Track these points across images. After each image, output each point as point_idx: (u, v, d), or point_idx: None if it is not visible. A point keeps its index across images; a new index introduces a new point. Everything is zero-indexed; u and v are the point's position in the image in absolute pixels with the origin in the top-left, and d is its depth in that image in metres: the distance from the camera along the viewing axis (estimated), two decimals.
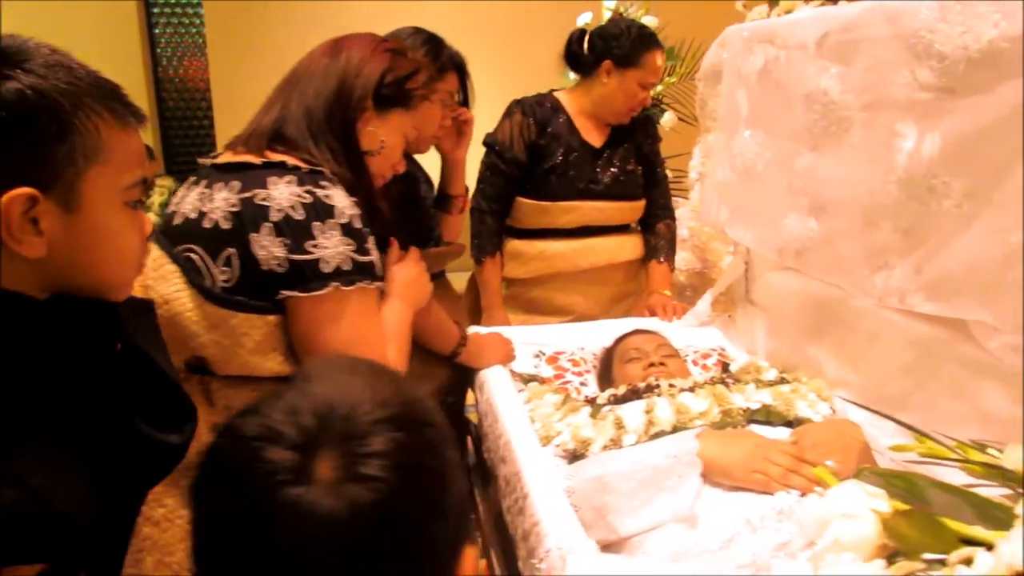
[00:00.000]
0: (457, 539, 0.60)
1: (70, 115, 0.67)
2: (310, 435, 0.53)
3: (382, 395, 0.58)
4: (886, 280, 1.32)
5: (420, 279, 1.37)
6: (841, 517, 0.73)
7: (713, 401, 1.39)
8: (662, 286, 2.20)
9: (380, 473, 0.53)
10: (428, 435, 0.59)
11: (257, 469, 0.52)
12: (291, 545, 0.51)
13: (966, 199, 1.14)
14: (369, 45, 1.22)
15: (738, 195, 1.75)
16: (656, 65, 2.04)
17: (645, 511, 1.19)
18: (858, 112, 1.33)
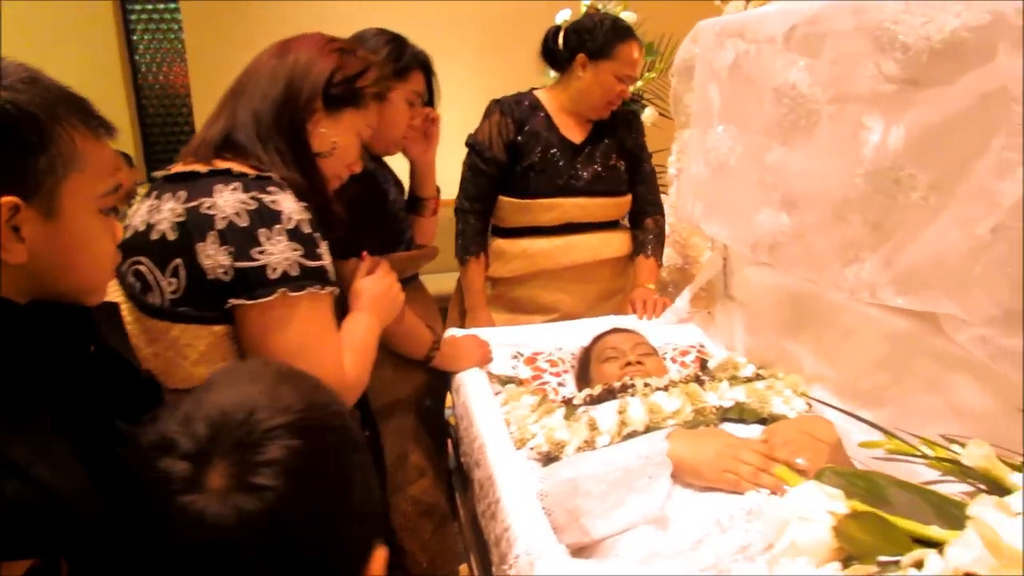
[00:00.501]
0: (363, 542, 0.61)
1: (48, 127, 0.71)
2: (203, 444, 0.54)
3: (282, 402, 0.58)
4: (857, 274, 1.31)
5: (390, 292, 1.35)
6: (797, 520, 0.71)
7: (686, 400, 1.37)
8: (647, 280, 2.19)
9: (271, 482, 0.53)
10: (329, 441, 0.59)
11: (152, 478, 0.54)
12: (184, 553, 0.53)
13: (932, 191, 1.13)
14: (317, 45, 1.20)
15: (712, 190, 1.74)
16: (631, 56, 2.01)
17: (617, 513, 1.18)
18: (826, 105, 1.32)
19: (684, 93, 1.85)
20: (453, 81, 4.54)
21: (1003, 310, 1.05)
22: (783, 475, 0.84)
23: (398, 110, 1.54)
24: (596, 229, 2.17)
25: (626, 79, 2.03)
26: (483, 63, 4.57)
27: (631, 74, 2.04)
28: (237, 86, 1.19)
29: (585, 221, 2.15)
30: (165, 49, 4.04)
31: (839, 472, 0.83)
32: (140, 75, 4.07)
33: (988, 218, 1.03)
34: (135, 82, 4.09)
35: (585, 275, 2.17)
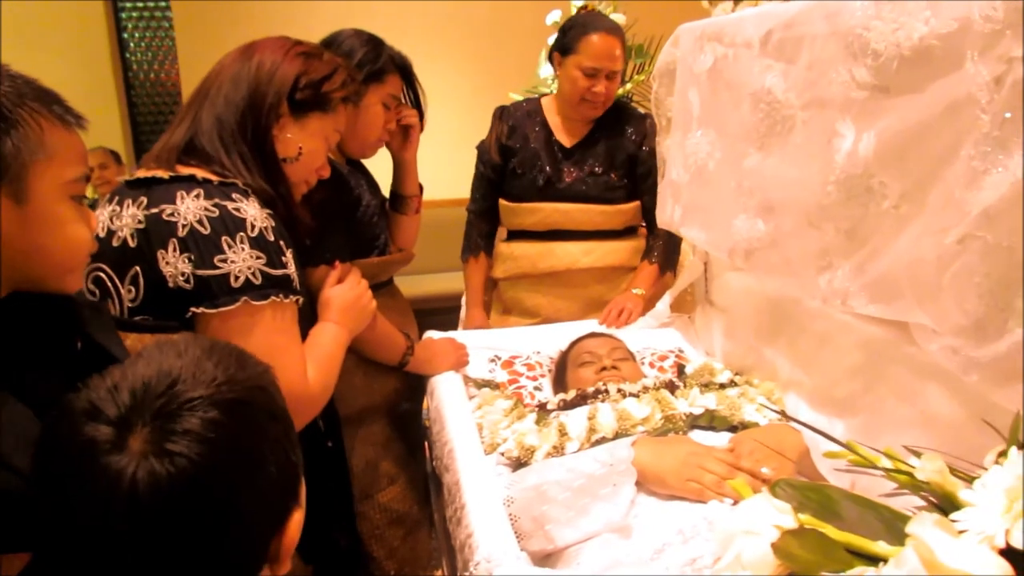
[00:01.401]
0: (276, 511, 0.65)
1: (12, 113, 0.73)
2: (126, 412, 0.58)
3: (204, 375, 0.61)
4: (829, 282, 1.30)
5: (359, 301, 1.34)
6: (743, 533, 0.70)
7: (656, 407, 1.36)
8: (637, 285, 2.12)
9: (185, 450, 0.57)
10: (246, 413, 0.62)
11: (77, 440, 0.57)
12: (102, 512, 0.56)
13: (903, 200, 1.12)
14: (281, 49, 1.18)
15: (691, 195, 1.73)
16: (594, 48, 1.93)
17: (581, 521, 1.17)
18: (800, 111, 1.31)
19: (665, 97, 1.84)
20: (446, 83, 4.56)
21: (971, 320, 1.04)
22: (737, 487, 0.83)
23: (373, 113, 1.53)
24: (583, 238, 2.12)
25: (593, 72, 1.95)
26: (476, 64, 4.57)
27: (596, 66, 1.94)
28: (201, 90, 1.17)
29: (571, 228, 2.12)
30: (156, 47, 4.02)
31: (793, 484, 0.81)
32: (131, 73, 4.05)
33: (956, 227, 1.02)
34: (126, 80, 4.08)
35: (567, 282, 2.14)
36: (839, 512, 0.75)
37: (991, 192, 0.96)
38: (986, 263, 0.99)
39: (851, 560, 0.63)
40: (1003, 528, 0.60)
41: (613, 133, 2.10)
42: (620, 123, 2.10)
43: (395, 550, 1.55)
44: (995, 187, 0.95)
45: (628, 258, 2.16)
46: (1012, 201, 0.93)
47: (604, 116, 2.08)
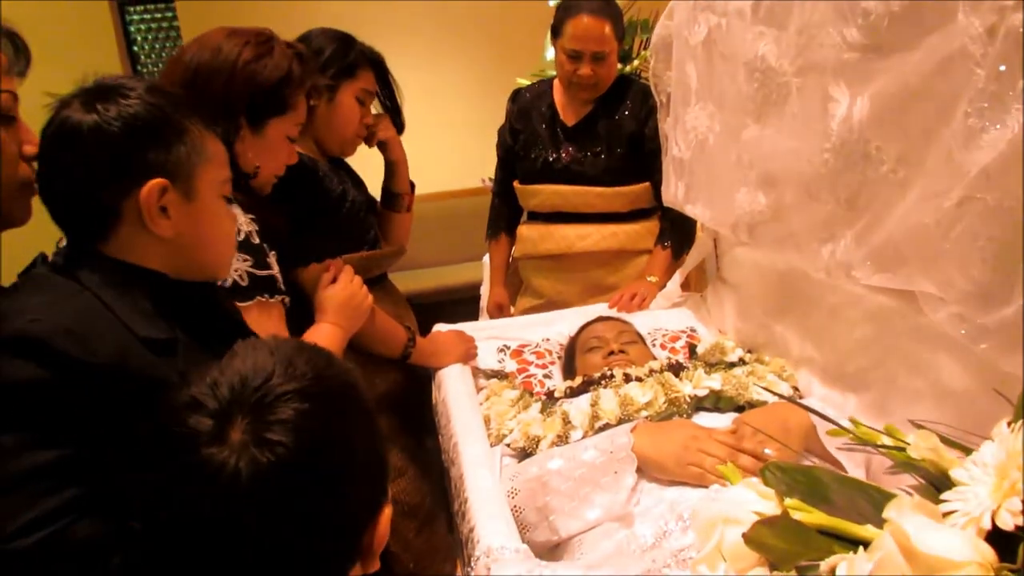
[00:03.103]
0: (368, 503, 0.67)
1: (183, 124, 0.86)
2: (225, 405, 0.61)
3: (295, 370, 0.64)
4: (832, 253, 1.25)
5: (354, 299, 1.34)
6: (723, 522, 0.67)
7: (659, 391, 1.33)
8: (649, 271, 2.06)
9: (283, 438, 0.59)
10: (334, 406, 0.65)
11: (180, 432, 0.61)
12: (204, 500, 0.59)
13: (900, 164, 1.07)
14: (227, 63, 1.16)
15: (693, 171, 1.68)
16: (578, 31, 1.87)
17: (584, 510, 1.15)
18: (794, 78, 1.26)
19: (664, 72, 1.79)
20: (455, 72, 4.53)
21: (977, 286, 0.99)
22: (726, 472, 0.80)
23: (347, 109, 1.51)
24: (585, 220, 2.08)
25: (576, 55, 1.90)
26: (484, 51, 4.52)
27: (578, 49, 1.89)
28: None
29: (571, 211, 2.09)
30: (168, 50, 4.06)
31: (783, 468, 0.78)
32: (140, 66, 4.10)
33: (955, 190, 0.97)
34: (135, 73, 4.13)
35: (567, 265, 2.11)
36: (828, 496, 0.72)
37: (989, 151, 0.91)
38: (988, 226, 0.94)
39: (830, 547, 0.60)
40: (990, 508, 0.56)
41: (613, 112, 2.05)
42: (621, 101, 2.05)
43: (410, 543, 1.54)
44: (993, 145, 0.90)
45: (632, 241, 2.10)
46: (1011, 160, 0.88)
47: (607, 95, 2.03)
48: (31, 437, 0.74)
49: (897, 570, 0.52)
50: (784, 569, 0.60)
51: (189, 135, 0.86)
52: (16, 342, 0.74)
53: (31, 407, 0.74)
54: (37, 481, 0.73)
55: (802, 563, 0.60)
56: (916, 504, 0.57)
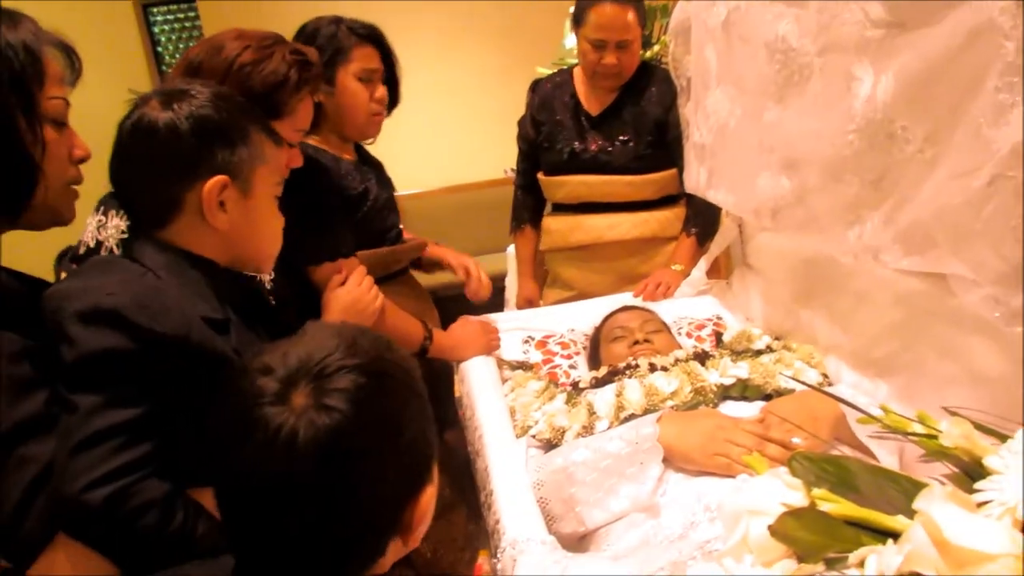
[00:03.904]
0: (411, 479, 0.71)
1: (247, 128, 0.96)
2: (292, 372, 0.66)
3: (355, 349, 0.69)
4: (859, 236, 1.22)
5: (361, 301, 1.36)
6: (749, 513, 0.66)
7: (684, 380, 1.31)
8: (674, 259, 2.05)
9: (340, 405, 0.64)
10: (388, 384, 0.69)
11: (249, 391, 0.66)
12: (262, 456, 0.63)
13: (927, 143, 1.04)
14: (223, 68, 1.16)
15: (715, 156, 1.66)
16: (601, 19, 1.85)
17: (610, 501, 1.14)
18: (816, 57, 1.23)
19: (683, 57, 1.76)
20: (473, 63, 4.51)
21: (1010, 266, 0.96)
22: (752, 462, 0.79)
23: (352, 93, 1.49)
24: (613, 210, 2.07)
25: (600, 44, 1.88)
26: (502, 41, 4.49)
27: (602, 38, 1.87)
28: None
29: (597, 201, 2.08)
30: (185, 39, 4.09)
31: (810, 458, 0.76)
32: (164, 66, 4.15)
33: (985, 168, 0.94)
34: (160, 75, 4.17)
35: (597, 255, 2.10)
36: (857, 485, 0.70)
37: (1020, 127, 0.88)
38: (1020, 204, 0.91)
39: (859, 538, 0.59)
40: None
41: (638, 99, 2.02)
42: (646, 87, 2.02)
43: (428, 532, 1.54)
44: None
45: (663, 228, 2.08)
46: None
47: (631, 82, 2.01)
48: (108, 399, 0.81)
49: (928, 563, 0.51)
50: (811, 562, 0.59)
51: (251, 138, 0.96)
52: (94, 314, 0.82)
53: (107, 371, 0.82)
54: (113, 438, 0.81)
55: (830, 555, 0.59)
56: (948, 494, 0.55)
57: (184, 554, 0.81)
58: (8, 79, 0.81)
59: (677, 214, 2.08)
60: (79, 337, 0.82)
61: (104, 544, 0.81)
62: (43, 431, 0.81)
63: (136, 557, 0.82)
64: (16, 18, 0.85)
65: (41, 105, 0.85)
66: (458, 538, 1.61)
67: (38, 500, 0.80)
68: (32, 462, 0.80)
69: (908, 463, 1.17)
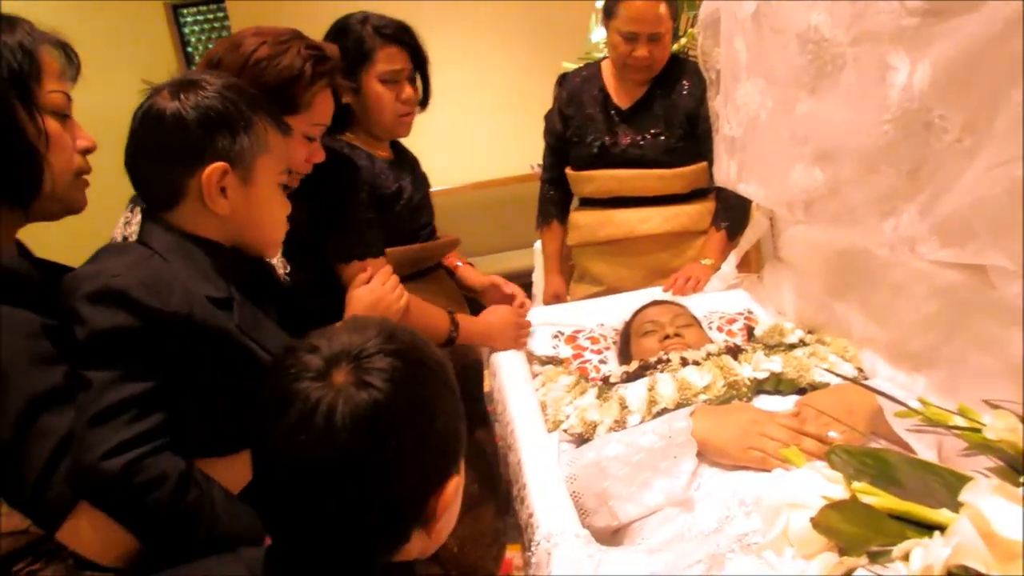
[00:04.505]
0: (439, 466, 0.73)
1: (251, 118, 0.99)
2: (335, 353, 0.70)
3: (394, 337, 0.73)
4: (895, 227, 1.21)
5: (381, 302, 1.37)
6: (789, 507, 0.66)
7: (717, 374, 1.31)
8: (704, 254, 2.04)
9: (378, 383, 0.67)
10: (423, 372, 0.73)
11: (293, 366, 0.70)
12: (299, 426, 0.66)
13: (965, 132, 1.02)
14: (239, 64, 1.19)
15: (745, 149, 1.64)
16: (632, 12, 1.85)
17: (643, 495, 1.14)
18: (849, 48, 1.22)
19: (712, 49, 1.75)
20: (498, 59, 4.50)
21: None
22: (790, 455, 0.78)
23: (377, 96, 1.49)
24: (643, 204, 2.06)
25: (631, 36, 1.87)
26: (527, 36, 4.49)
27: (633, 31, 1.87)
28: None
29: (628, 195, 2.07)
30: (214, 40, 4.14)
31: (849, 451, 0.76)
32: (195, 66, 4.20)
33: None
34: None
35: (628, 250, 2.09)
36: (898, 479, 0.70)
37: None
38: None
39: (902, 531, 0.58)
40: None
41: (669, 92, 2.01)
42: (676, 80, 2.01)
43: (455, 528, 1.55)
44: None
45: (694, 222, 2.07)
46: None
47: (661, 75, 2.00)
48: (118, 374, 0.86)
49: (976, 556, 0.51)
50: (854, 554, 0.59)
51: (254, 127, 0.99)
52: (102, 294, 0.87)
53: (116, 348, 0.87)
54: (126, 410, 0.85)
55: (873, 548, 0.58)
56: (995, 487, 0.55)
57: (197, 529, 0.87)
58: (7, 75, 0.86)
59: (707, 208, 2.07)
60: (89, 317, 0.87)
61: (120, 513, 0.86)
62: (62, 403, 0.85)
63: (150, 528, 0.87)
64: (12, 22, 0.91)
65: (41, 99, 0.90)
66: (485, 534, 1.62)
67: (60, 469, 0.83)
68: (53, 433, 0.84)
69: (947, 457, 1.16)
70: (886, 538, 0.58)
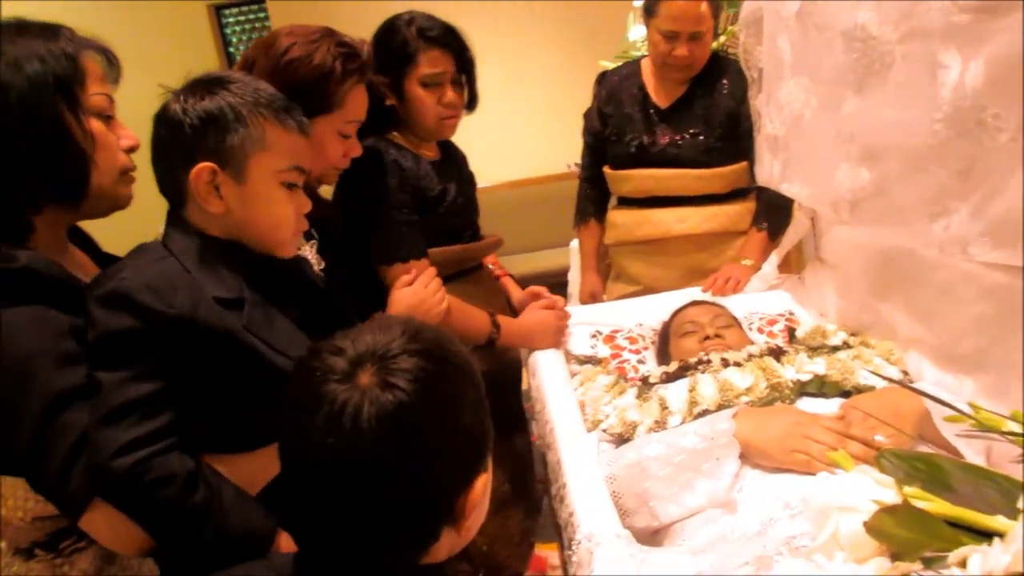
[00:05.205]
0: (466, 465, 0.73)
1: (244, 117, 0.98)
2: (360, 354, 0.70)
3: (418, 336, 0.72)
4: (946, 228, 1.19)
5: (422, 305, 1.38)
6: (838, 510, 0.65)
7: (760, 375, 1.30)
8: (744, 254, 2.02)
9: (403, 384, 0.67)
10: (448, 371, 0.72)
11: (319, 369, 0.70)
12: (326, 428, 0.66)
13: (1020, 131, 1.00)
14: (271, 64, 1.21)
15: (788, 148, 1.62)
16: (673, 10, 1.84)
17: (685, 496, 1.14)
18: (898, 45, 1.20)
19: (754, 47, 1.73)
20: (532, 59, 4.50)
21: None
22: (838, 458, 0.78)
23: (418, 100, 1.50)
24: (681, 203, 2.05)
25: (672, 35, 1.87)
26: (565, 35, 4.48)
27: (674, 29, 1.86)
28: None
29: (666, 195, 2.06)
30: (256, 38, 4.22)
31: (900, 455, 0.75)
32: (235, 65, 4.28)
33: None
34: None
35: (665, 249, 2.08)
36: (951, 484, 0.69)
37: None
38: None
39: (957, 537, 0.57)
40: None
41: (709, 91, 1.99)
42: (716, 79, 1.99)
43: (484, 526, 1.55)
44: None
45: (733, 222, 2.06)
46: None
47: (701, 74, 1.99)
48: (127, 375, 0.88)
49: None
50: (907, 560, 0.58)
51: (247, 125, 0.98)
52: (109, 297, 0.90)
53: (121, 350, 0.89)
54: (133, 411, 0.87)
55: (927, 553, 0.58)
56: None
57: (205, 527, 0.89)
58: (53, 82, 0.91)
59: (747, 208, 2.05)
60: (98, 318, 0.89)
61: (130, 510, 0.88)
62: (83, 400, 0.88)
63: (158, 525, 0.90)
64: (55, 30, 0.95)
65: (85, 102, 0.94)
66: (514, 533, 1.63)
67: (78, 464, 0.87)
68: (73, 429, 0.87)
69: (996, 463, 1.13)
70: (941, 544, 0.57)
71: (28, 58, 0.90)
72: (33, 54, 0.91)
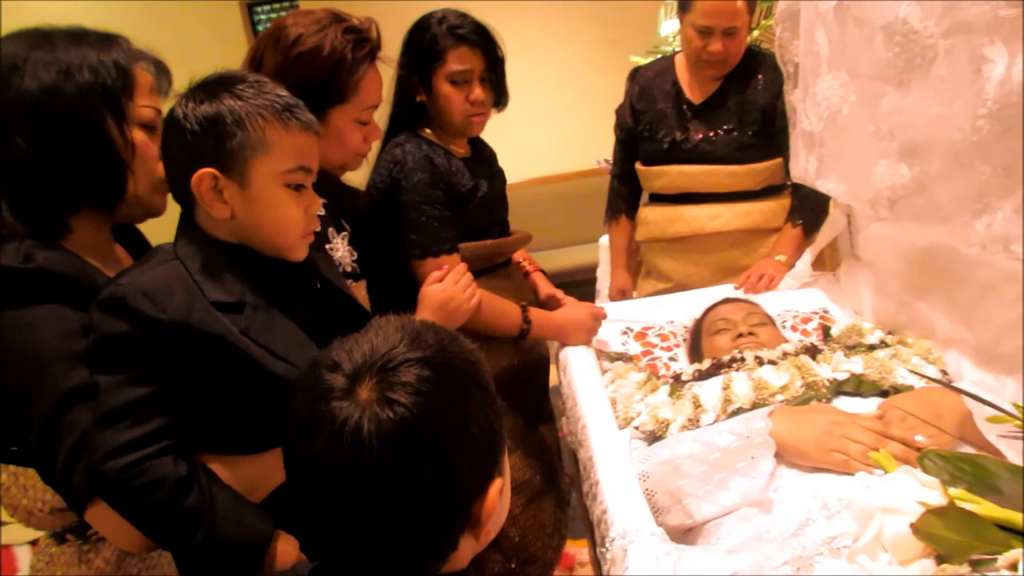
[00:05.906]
0: (478, 472, 0.70)
1: (243, 121, 0.96)
2: (358, 367, 0.67)
3: (422, 343, 0.70)
4: (988, 226, 1.17)
5: (452, 302, 1.38)
6: (882, 511, 0.65)
7: (795, 374, 1.28)
8: (777, 250, 2.00)
9: (405, 399, 0.65)
10: (455, 377, 0.70)
11: (317, 387, 0.68)
12: (328, 449, 0.65)
13: None
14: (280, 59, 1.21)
15: (825, 144, 1.60)
16: (709, 6, 1.82)
17: (719, 495, 1.13)
18: (941, 40, 1.18)
19: (790, 42, 1.71)
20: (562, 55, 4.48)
21: None
22: (879, 459, 0.77)
23: (446, 97, 1.51)
24: (714, 200, 2.03)
25: (706, 31, 1.85)
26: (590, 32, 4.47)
27: (709, 24, 1.84)
28: None
29: (698, 191, 2.04)
30: None
31: (944, 456, 0.74)
32: None
33: None
34: None
35: (697, 246, 2.07)
36: (997, 485, 0.68)
37: None
38: None
39: (1007, 540, 0.57)
40: None
41: (744, 86, 1.97)
42: (751, 75, 1.97)
43: (516, 517, 1.57)
44: None
45: (767, 220, 2.03)
46: None
47: (736, 70, 1.97)
48: (122, 378, 0.89)
49: None
50: (955, 562, 0.57)
51: (246, 129, 0.96)
52: (107, 301, 0.91)
53: (117, 354, 0.90)
54: (126, 415, 0.88)
55: (975, 556, 0.57)
56: None
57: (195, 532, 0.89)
58: (101, 92, 0.94)
59: (781, 205, 2.02)
60: (96, 322, 0.91)
61: (122, 512, 0.89)
62: (87, 400, 0.90)
63: (149, 528, 0.90)
64: (110, 40, 0.98)
65: (132, 112, 0.97)
66: (546, 524, 1.64)
67: (81, 461, 0.88)
68: (77, 427, 0.89)
69: None
70: (990, 546, 0.56)
71: (80, 67, 0.93)
72: (85, 64, 0.93)
